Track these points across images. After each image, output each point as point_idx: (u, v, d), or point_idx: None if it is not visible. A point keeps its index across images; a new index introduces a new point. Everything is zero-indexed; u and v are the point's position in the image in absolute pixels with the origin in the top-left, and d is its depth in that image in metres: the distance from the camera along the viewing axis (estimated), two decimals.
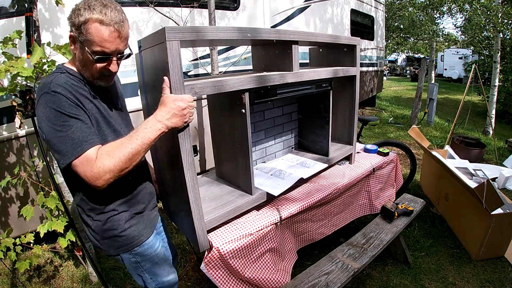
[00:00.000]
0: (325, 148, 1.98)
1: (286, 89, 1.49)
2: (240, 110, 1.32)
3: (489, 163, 4.10)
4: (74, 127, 0.89)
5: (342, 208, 1.86)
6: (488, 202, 1.97)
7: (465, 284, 1.98)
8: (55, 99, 0.88)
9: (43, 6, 2.02)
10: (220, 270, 1.29)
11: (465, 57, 16.11)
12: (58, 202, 1.75)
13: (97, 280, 2.02)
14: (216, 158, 1.70)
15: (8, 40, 1.52)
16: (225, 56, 3.12)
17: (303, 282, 1.41)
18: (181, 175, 1.12)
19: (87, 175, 0.88)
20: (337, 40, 1.76)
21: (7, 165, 2.03)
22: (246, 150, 1.39)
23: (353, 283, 1.95)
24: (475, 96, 10.27)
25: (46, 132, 0.89)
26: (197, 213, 1.18)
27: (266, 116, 1.88)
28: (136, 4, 2.45)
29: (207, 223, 1.27)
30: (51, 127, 0.88)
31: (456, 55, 17.82)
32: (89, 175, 0.88)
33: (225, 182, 1.66)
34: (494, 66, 6.01)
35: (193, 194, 1.14)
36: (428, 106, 6.54)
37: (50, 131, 0.88)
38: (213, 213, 1.34)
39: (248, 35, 1.23)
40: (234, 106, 1.36)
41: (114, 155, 0.90)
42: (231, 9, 3.11)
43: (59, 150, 0.88)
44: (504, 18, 5.77)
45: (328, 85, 1.76)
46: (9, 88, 1.50)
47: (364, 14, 6.28)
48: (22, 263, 1.80)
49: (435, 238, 2.45)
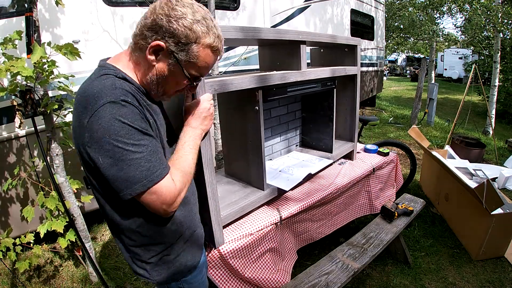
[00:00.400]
0: (329, 145, 2.03)
1: (295, 87, 1.54)
2: (253, 107, 1.37)
3: (489, 163, 4.10)
4: (151, 146, 0.73)
5: (342, 208, 1.86)
6: (488, 202, 1.97)
7: (465, 284, 1.98)
8: (126, 111, 0.69)
9: (43, 6, 2.02)
10: (220, 270, 1.29)
11: (465, 57, 16.11)
12: (58, 203, 1.75)
13: (97, 280, 2.02)
14: (226, 156, 1.73)
15: (8, 40, 1.51)
16: (225, 56, 3.12)
17: (303, 282, 1.41)
18: (200, 170, 1.13)
19: (166, 201, 0.75)
20: (340, 40, 1.81)
21: (7, 165, 2.03)
22: (259, 146, 1.43)
23: (353, 283, 1.95)
24: (475, 96, 10.27)
25: (109, 153, 0.68)
26: (214, 208, 1.20)
27: (272, 115, 1.92)
28: (136, 4, 2.45)
29: (223, 219, 1.29)
30: (120, 148, 0.68)
31: (456, 55, 17.82)
32: (168, 201, 0.76)
33: (235, 180, 1.68)
34: (494, 66, 6.01)
35: (211, 189, 1.17)
36: (428, 106, 6.54)
37: (118, 153, 0.68)
38: (228, 208, 1.37)
39: (270, 35, 1.32)
40: (246, 104, 1.40)
41: (183, 170, 0.81)
42: (231, 9, 3.11)
43: (128, 176, 0.69)
44: (504, 18, 5.77)
45: (333, 83, 1.81)
46: (9, 88, 1.50)
47: (364, 14, 6.28)
48: (22, 263, 1.80)
49: (435, 238, 2.45)
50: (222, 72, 2.97)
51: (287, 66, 1.58)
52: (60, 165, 1.76)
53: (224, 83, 1.16)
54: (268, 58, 1.70)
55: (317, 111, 2.01)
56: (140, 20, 0.76)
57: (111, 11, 2.33)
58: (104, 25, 2.31)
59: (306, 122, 2.15)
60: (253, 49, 3.28)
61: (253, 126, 1.42)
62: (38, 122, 1.72)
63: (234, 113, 1.53)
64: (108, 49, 2.33)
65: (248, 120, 1.43)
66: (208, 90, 1.09)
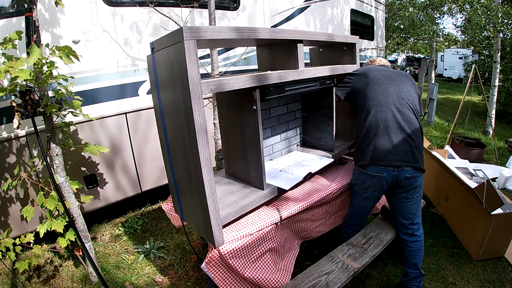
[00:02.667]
0: (330, 143, 2.03)
1: (293, 86, 1.55)
2: (250, 107, 1.38)
3: (489, 163, 4.10)
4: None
5: (342, 207, 1.86)
6: (488, 202, 1.97)
7: (465, 284, 1.98)
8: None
9: (43, 6, 2.02)
10: (220, 269, 1.30)
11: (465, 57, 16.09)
12: (58, 203, 1.75)
13: (97, 280, 2.02)
14: (226, 157, 1.74)
15: (8, 40, 1.51)
16: (225, 56, 3.13)
17: (303, 282, 1.41)
18: (198, 170, 1.16)
19: None
20: (337, 39, 1.82)
21: (7, 166, 2.03)
22: (258, 145, 1.43)
23: (353, 283, 1.95)
24: (475, 96, 10.26)
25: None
26: (213, 208, 1.21)
27: (271, 114, 1.92)
28: (136, 4, 2.45)
29: (222, 218, 1.30)
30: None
31: (456, 55, 17.80)
32: None
33: (235, 180, 1.69)
34: (494, 66, 6.01)
35: (209, 188, 1.17)
36: (428, 106, 6.54)
37: None
38: (227, 208, 1.37)
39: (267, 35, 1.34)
40: (244, 103, 1.41)
41: None
42: (231, 9, 3.11)
43: None
44: (504, 18, 5.77)
45: (331, 81, 1.82)
46: (9, 88, 1.50)
47: (364, 14, 6.28)
48: (22, 263, 1.79)
49: (435, 238, 2.45)
50: (222, 72, 2.97)
51: (284, 66, 1.58)
52: (60, 165, 1.76)
53: (221, 83, 1.17)
54: (266, 58, 1.70)
55: (317, 110, 2.01)
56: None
57: (111, 11, 2.33)
58: (104, 25, 2.31)
59: (306, 121, 2.15)
60: (252, 49, 3.28)
61: (251, 125, 1.42)
62: (38, 122, 1.72)
63: (233, 112, 1.53)
64: (108, 49, 2.33)
65: (246, 120, 1.44)
66: (204, 89, 1.10)
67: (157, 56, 1.26)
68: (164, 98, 1.30)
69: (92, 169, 2.39)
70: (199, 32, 1.06)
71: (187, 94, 1.07)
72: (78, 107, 1.76)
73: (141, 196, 2.91)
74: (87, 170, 2.36)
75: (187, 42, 1.02)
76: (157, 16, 2.54)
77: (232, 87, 1.21)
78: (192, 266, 2.17)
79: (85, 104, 2.19)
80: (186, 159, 1.26)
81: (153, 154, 2.72)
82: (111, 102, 2.43)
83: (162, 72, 1.25)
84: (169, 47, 1.13)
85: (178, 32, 1.03)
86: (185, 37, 1.02)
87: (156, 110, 1.41)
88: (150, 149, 2.70)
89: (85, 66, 2.23)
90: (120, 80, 2.43)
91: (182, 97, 1.12)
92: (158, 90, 1.33)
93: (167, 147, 1.41)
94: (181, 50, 1.04)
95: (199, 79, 1.08)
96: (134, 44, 2.48)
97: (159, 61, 1.25)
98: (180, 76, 1.09)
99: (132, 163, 2.63)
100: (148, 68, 1.40)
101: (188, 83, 1.05)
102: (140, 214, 2.89)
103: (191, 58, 1.04)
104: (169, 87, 1.22)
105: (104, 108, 2.39)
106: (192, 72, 1.05)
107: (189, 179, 1.29)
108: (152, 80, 1.37)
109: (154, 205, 3.08)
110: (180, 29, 1.02)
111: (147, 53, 2.57)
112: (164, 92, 1.28)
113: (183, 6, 2.66)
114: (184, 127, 1.18)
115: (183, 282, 2.03)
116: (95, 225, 2.72)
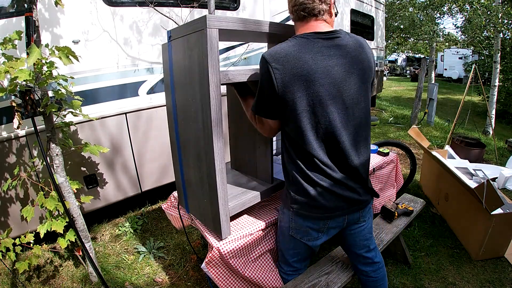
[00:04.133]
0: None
1: None
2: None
3: (489, 163, 4.10)
4: None
5: None
6: (488, 202, 1.97)
7: (465, 284, 1.98)
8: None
9: (43, 6, 2.02)
10: (220, 269, 1.30)
11: (465, 57, 16.10)
12: (58, 203, 1.75)
13: (97, 280, 2.02)
14: (233, 151, 1.74)
15: (8, 41, 1.51)
16: (225, 56, 3.12)
17: (303, 282, 1.41)
18: (211, 159, 1.17)
19: None
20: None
21: (7, 166, 2.03)
22: (268, 138, 1.43)
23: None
24: (475, 96, 10.26)
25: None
26: (223, 197, 1.21)
27: None
28: (136, 4, 2.45)
29: (230, 209, 1.30)
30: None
31: (456, 55, 17.81)
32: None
33: (242, 173, 1.69)
34: (494, 66, 6.01)
35: (220, 178, 1.18)
36: (428, 106, 6.53)
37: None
38: (235, 199, 1.38)
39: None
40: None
41: None
42: (231, 9, 3.11)
43: None
44: (504, 18, 5.78)
45: None
46: (9, 88, 1.49)
47: (364, 14, 6.28)
48: (22, 263, 1.79)
49: (435, 238, 2.45)
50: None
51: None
52: (60, 165, 1.76)
53: (238, 73, 1.21)
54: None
55: None
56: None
57: (111, 11, 2.33)
58: (104, 25, 2.30)
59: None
60: (252, 49, 3.28)
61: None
62: (38, 122, 1.72)
63: (241, 105, 1.54)
64: (108, 49, 2.33)
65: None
66: (222, 78, 1.13)
67: (174, 44, 1.28)
68: (178, 85, 1.32)
69: (92, 169, 2.39)
70: (222, 22, 1.07)
71: (205, 82, 1.09)
72: (78, 107, 1.76)
73: (141, 196, 2.91)
74: (87, 170, 2.36)
75: (209, 30, 1.03)
76: (157, 16, 2.54)
77: (245, 79, 1.23)
78: (192, 266, 2.17)
79: (85, 104, 2.19)
80: (198, 147, 1.27)
81: (153, 154, 2.72)
82: (111, 102, 2.43)
83: (178, 61, 1.27)
84: (188, 35, 1.14)
85: (201, 20, 1.05)
86: (208, 25, 1.03)
87: (168, 103, 1.45)
88: (150, 149, 2.70)
89: (85, 66, 2.23)
90: (120, 80, 2.43)
91: (199, 85, 1.15)
92: (172, 73, 1.35)
93: (177, 136, 1.42)
94: (203, 39, 1.05)
95: (218, 69, 1.09)
96: (134, 44, 2.48)
97: (176, 48, 1.27)
98: (199, 64, 1.11)
99: (132, 163, 2.63)
100: (162, 57, 1.43)
101: (208, 72, 1.07)
102: (140, 214, 2.89)
103: (212, 46, 1.05)
104: (185, 75, 1.24)
105: (104, 108, 2.39)
106: (212, 61, 1.07)
107: (198, 168, 1.30)
108: (166, 68, 1.40)
109: (154, 205, 3.09)
110: (204, 16, 1.03)
111: (147, 53, 2.60)
112: (178, 77, 1.31)
113: (183, 6, 2.66)
114: (199, 114, 1.19)
115: (183, 282, 2.03)
116: (95, 225, 2.72)
